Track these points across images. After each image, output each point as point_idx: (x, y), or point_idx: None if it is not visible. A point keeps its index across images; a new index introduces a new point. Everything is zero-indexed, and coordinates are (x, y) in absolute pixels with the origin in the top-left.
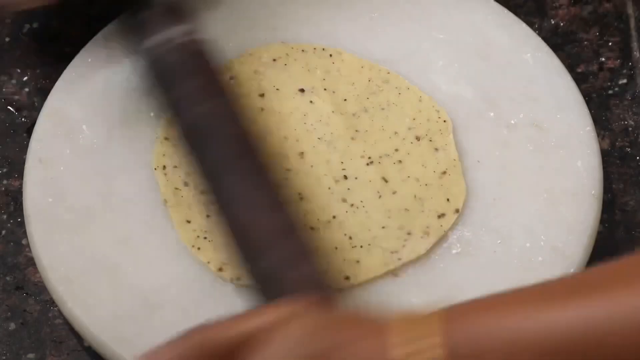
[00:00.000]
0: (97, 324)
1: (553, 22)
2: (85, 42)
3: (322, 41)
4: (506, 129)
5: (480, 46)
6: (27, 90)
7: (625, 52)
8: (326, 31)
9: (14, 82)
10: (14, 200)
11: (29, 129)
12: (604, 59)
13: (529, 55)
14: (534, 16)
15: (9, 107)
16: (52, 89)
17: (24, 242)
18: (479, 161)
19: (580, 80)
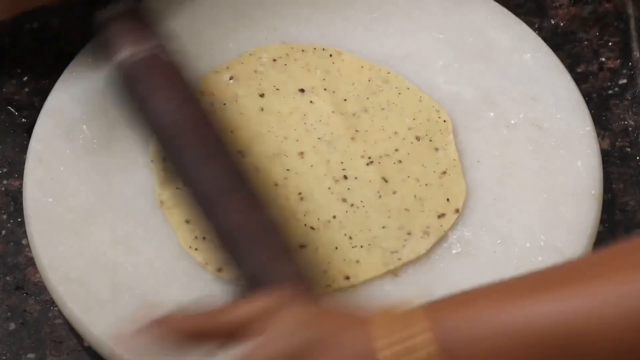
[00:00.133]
0: (97, 324)
1: (553, 22)
2: (85, 42)
3: (322, 41)
4: (506, 129)
5: (480, 46)
6: (27, 90)
7: (625, 52)
8: (326, 31)
9: (14, 82)
10: (14, 200)
11: (29, 129)
12: (604, 59)
13: (529, 55)
14: (534, 16)
15: (9, 107)
16: (52, 89)
17: (24, 242)
18: (479, 161)
19: (580, 80)
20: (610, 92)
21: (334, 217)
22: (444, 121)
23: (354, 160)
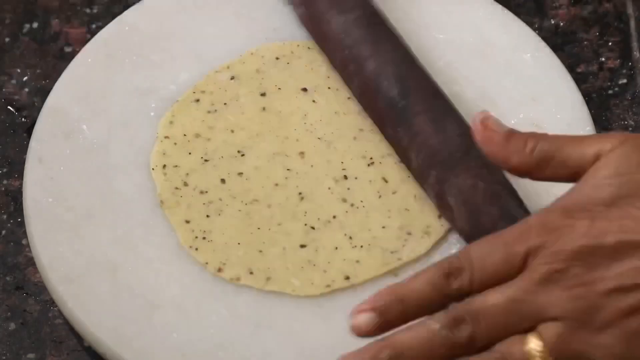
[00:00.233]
0: (97, 324)
1: (553, 22)
2: (85, 42)
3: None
4: None
5: (480, 46)
6: (27, 90)
7: (625, 52)
8: None
9: (14, 82)
10: (14, 200)
11: (29, 129)
12: (604, 59)
13: (529, 55)
14: (534, 16)
15: (9, 107)
16: (52, 89)
17: (24, 242)
18: None
19: (580, 80)
20: (610, 92)
21: (334, 217)
22: None
23: (355, 160)
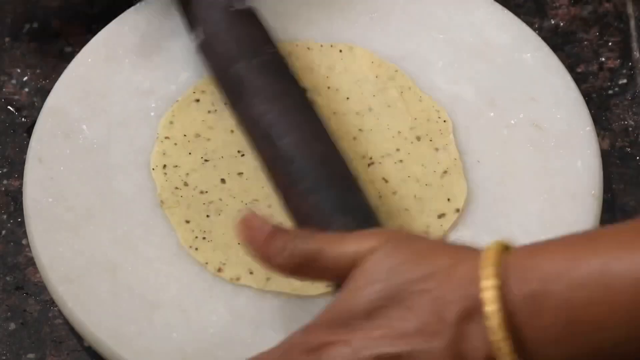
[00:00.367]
0: (97, 324)
1: (553, 22)
2: (85, 42)
3: (322, 41)
4: (506, 129)
5: (480, 46)
6: (27, 90)
7: (625, 52)
8: (325, 31)
9: (14, 82)
10: (14, 200)
11: (29, 129)
12: (604, 59)
13: (529, 55)
14: (534, 16)
15: (9, 107)
16: (52, 89)
17: (24, 242)
18: (479, 161)
19: (580, 80)
20: (610, 92)
21: None
22: (444, 121)
23: (355, 161)
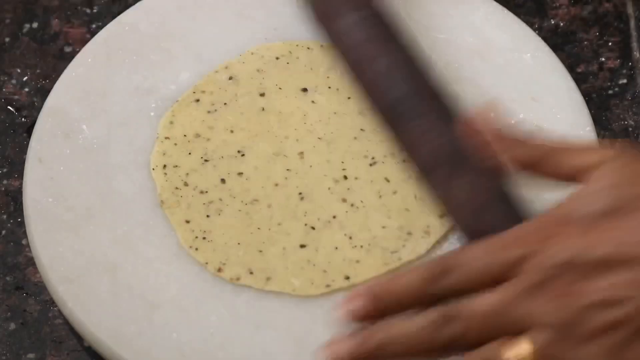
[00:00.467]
0: (97, 324)
1: (553, 22)
2: (85, 42)
3: (323, 41)
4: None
5: (480, 46)
6: (27, 90)
7: (625, 52)
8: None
9: (14, 82)
10: (14, 200)
11: (29, 129)
12: (604, 59)
13: (529, 55)
14: (534, 16)
15: (9, 107)
16: (52, 89)
17: (24, 242)
18: None
19: (580, 80)
20: (610, 92)
21: (334, 217)
22: None
23: (356, 160)
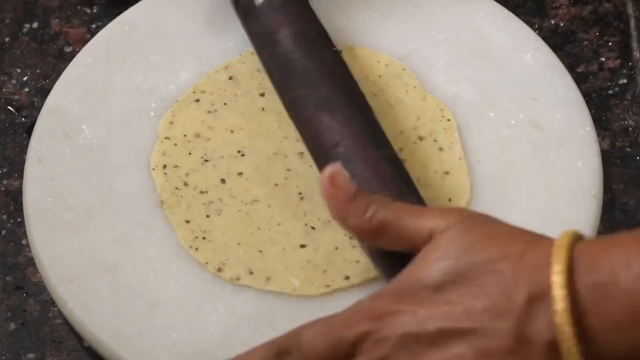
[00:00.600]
0: (97, 324)
1: (553, 22)
2: (85, 42)
3: None
4: (506, 129)
5: (480, 46)
6: (27, 90)
7: (625, 52)
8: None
9: (14, 82)
10: (14, 200)
11: (29, 129)
12: (604, 59)
13: (529, 55)
14: (534, 16)
15: (9, 107)
16: (52, 89)
17: (24, 242)
18: (479, 161)
19: (580, 80)
20: (610, 92)
21: None
22: (448, 120)
23: None
